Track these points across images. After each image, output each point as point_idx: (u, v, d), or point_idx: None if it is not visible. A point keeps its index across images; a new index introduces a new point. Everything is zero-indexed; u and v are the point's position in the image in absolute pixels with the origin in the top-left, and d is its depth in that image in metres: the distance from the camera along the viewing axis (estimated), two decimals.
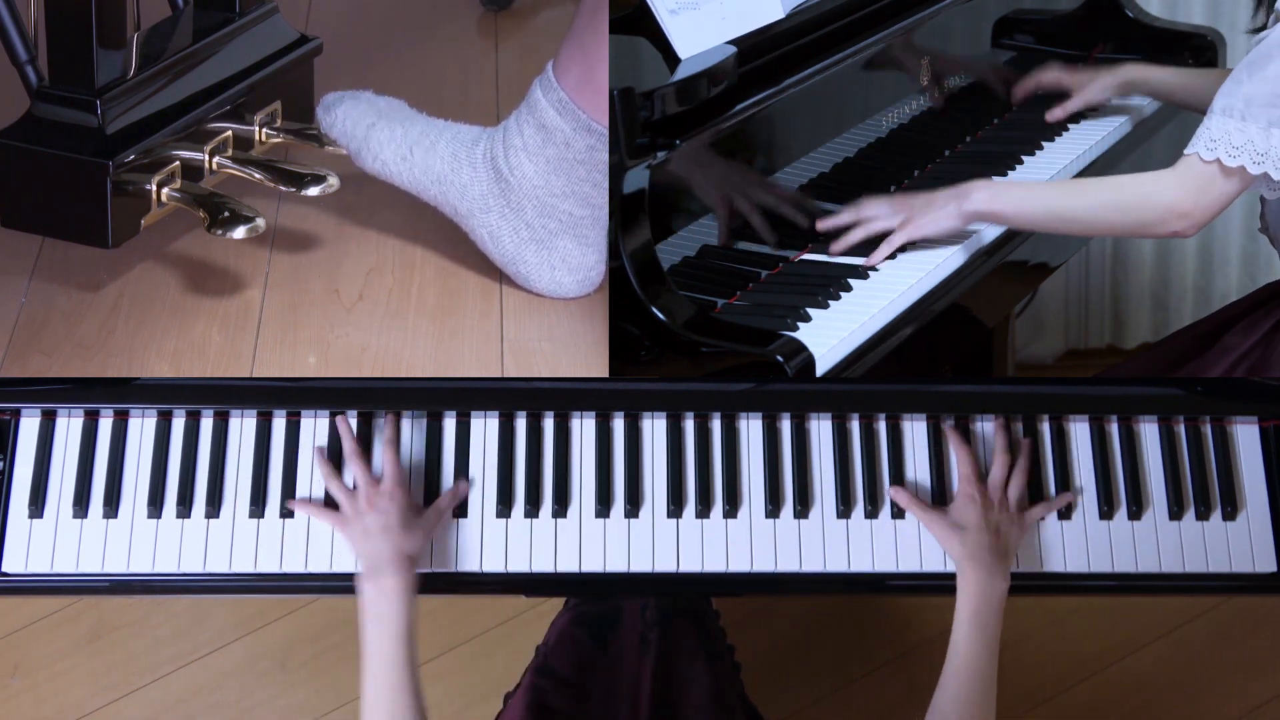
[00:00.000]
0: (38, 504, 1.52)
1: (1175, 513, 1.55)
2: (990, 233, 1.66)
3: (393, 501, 1.46)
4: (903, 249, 1.61)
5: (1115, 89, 1.88)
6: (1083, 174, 1.84)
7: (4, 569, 1.50)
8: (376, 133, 1.73)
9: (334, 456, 1.53)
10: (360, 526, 1.46)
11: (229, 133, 1.75)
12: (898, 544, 1.53)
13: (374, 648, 1.39)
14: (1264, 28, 1.53)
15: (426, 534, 1.48)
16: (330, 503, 1.51)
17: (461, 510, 1.53)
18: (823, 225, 1.64)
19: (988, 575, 1.44)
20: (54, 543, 1.51)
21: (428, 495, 1.53)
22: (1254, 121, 1.47)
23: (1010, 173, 1.81)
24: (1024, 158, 1.84)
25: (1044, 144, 1.88)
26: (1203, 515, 1.55)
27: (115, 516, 1.52)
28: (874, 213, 1.62)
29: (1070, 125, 1.93)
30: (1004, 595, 1.45)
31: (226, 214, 1.64)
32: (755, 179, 1.60)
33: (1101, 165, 1.87)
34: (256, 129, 1.79)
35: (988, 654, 1.42)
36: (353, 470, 1.50)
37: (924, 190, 1.64)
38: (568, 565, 1.52)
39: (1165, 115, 1.98)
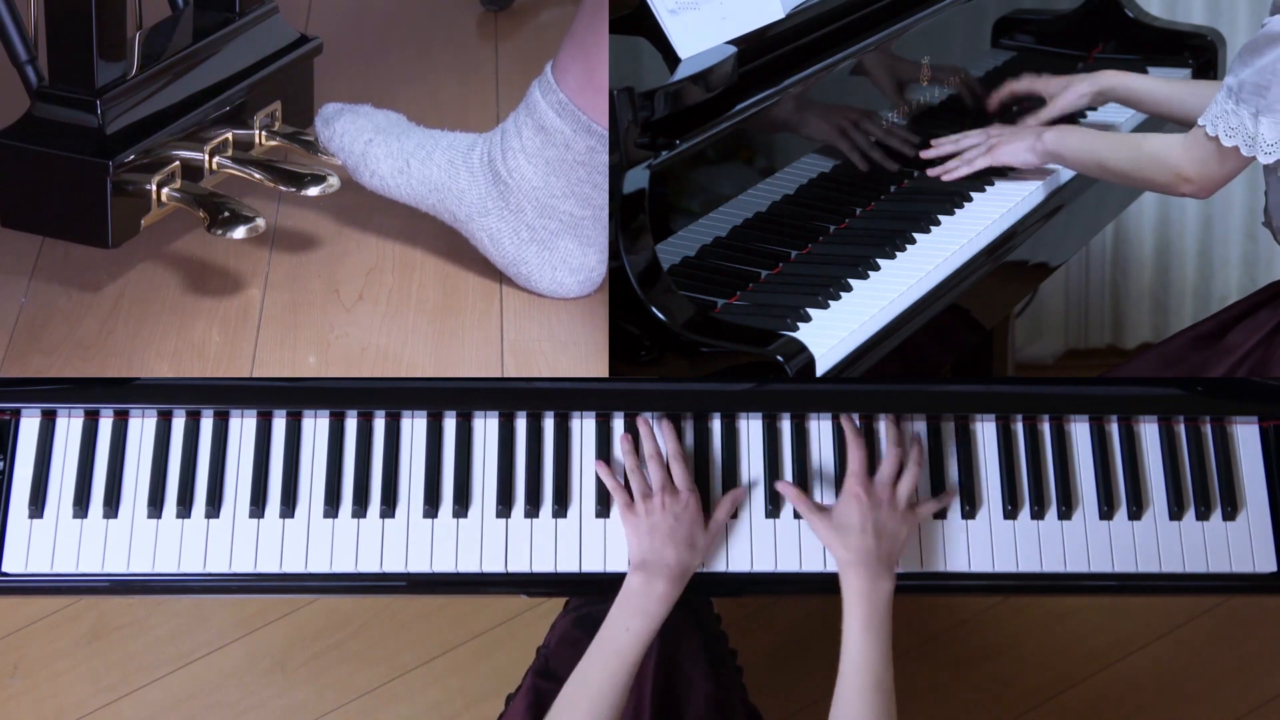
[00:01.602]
0: (38, 504, 1.52)
1: (1175, 513, 1.55)
2: (990, 232, 1.66)
3: (687, 510, 1.48)
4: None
5: (1091, 97, 1.85)
6: None
7: (4, 569, 1.50)
8: (374, 149, 1.73)
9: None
10: (649, 523, 1.47)
11: (229, 134, 1.75)
12: None
13: (619, 641, 1.40)
14: None
15: (707, 550, 1.50)
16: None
17: (462, 510, 1.53)
18: (926, 154, 1.79)
19: (871, 579, 1.42)
20: (54, 543, 1.51)
21: (429, 495, 1.53)
22: (1246, 107, 1.50)
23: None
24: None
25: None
26: (1203, 515, 1.55)
27: (115, 516, 1.52)
28: (967, 138, 1.78)
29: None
30: (890, 596, 1.42)
31: (226, 214, 1.64)
32: (860, 113, 1.74)
33: None
34: (256, 131, 1.79)
35: (882, 659, 1.39)
36: (651, 470, 1.51)
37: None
38: (568, 565, 1.52)
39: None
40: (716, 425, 1.56)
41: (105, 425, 1.55)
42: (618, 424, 1.56)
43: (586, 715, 1.37)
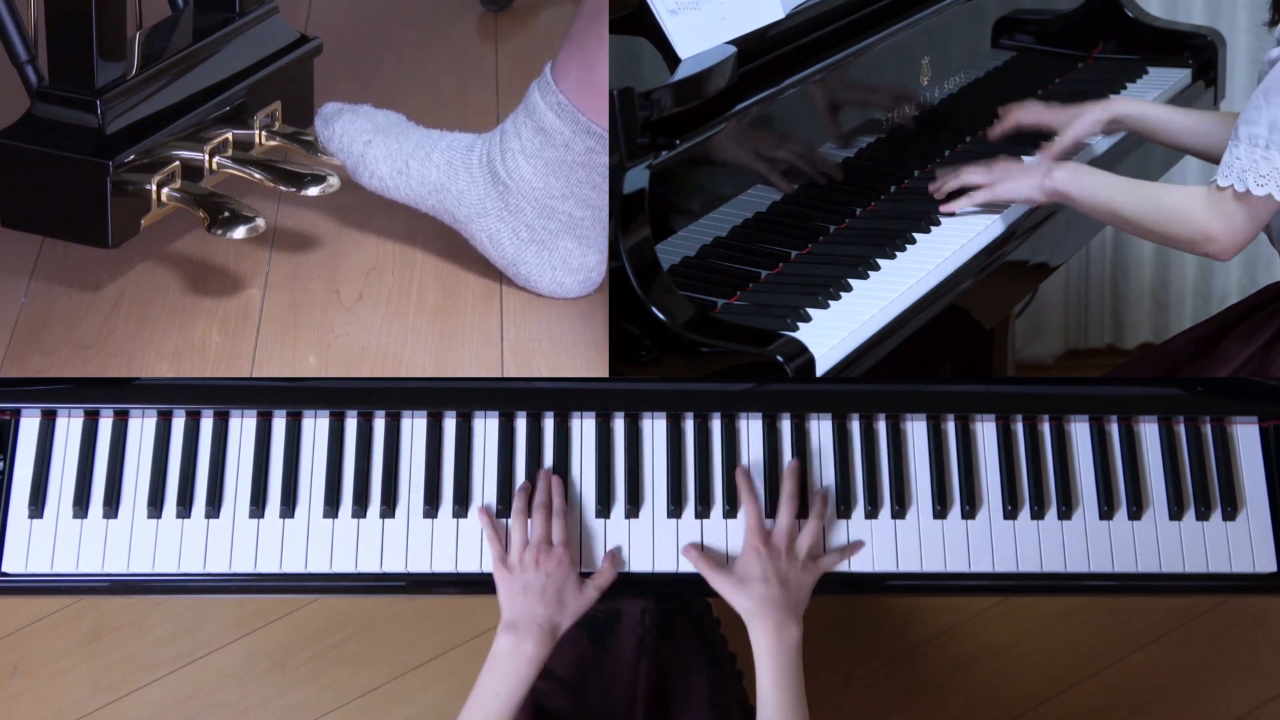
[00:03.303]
0: (38, 504, 1.52)
1: (1175, 513, 1.55)
2: (990, 232, 1.66)
3: (560, 568, 1.45)
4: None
5: (1103, 125, 1.79)
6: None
7: (4, 569, 1.50)
8: (373, 149, 1.73)
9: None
10: (521, 581, 1.44)
11: (229, 134, 1.75)
12: (897, 544, 1.53)
13: (489, 705, 1.39)
14: None
15: (580, 612, 1.45)
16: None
17: (462, 510, 1.53)
18: (933, 189, 1.72)
19: (777, 628, 1.40)
20: (54, 543, 1.51)
21: (429, 495, 1.53)
22: (1277, 149, 1.46)
23: None
24: (1024, 158, 1.84)
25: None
26: (1203, 515, 1.55)
27: (115, 517, 1.52)
28: (971, 173, 1.69)
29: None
30: (798, 643, 1.41)
31: (226, 214, 1.64)
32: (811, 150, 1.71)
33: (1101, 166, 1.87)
34: (256, 131, 1.79)
35: (796, 705, 1.39)
36: (535, 521, 1.48)
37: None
38: None
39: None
40: (716, 425, 1.56)
41: (105, 425, 1.55)
42: (618, 424, 1.56)
43: None
